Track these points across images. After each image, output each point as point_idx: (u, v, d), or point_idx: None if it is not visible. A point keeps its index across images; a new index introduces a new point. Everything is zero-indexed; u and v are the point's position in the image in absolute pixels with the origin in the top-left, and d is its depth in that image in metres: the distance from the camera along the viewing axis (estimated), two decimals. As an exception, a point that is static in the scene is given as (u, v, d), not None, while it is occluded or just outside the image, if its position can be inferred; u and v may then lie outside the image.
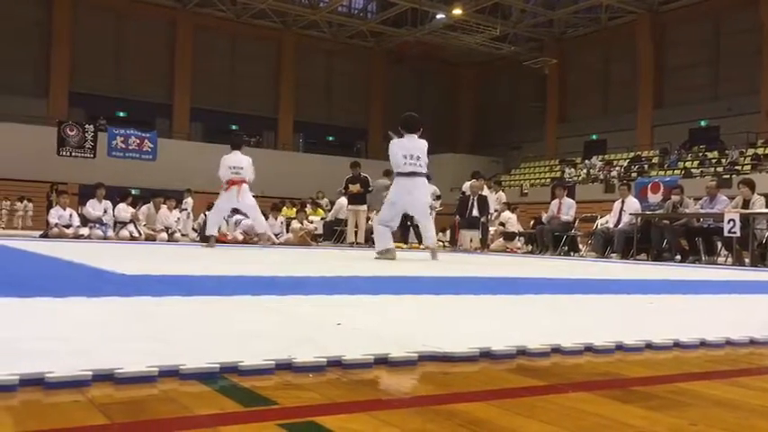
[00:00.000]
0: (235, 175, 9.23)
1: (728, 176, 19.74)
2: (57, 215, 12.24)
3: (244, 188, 9.24)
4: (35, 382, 1.11)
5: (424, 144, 7.07)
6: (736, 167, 21.64)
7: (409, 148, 6.98)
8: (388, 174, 13.44)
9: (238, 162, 9.28)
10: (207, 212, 12.69)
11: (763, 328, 2.10)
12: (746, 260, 9.35)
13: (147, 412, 1.02)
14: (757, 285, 5.21)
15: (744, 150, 22.81)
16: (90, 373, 1.14)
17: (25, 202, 22.97)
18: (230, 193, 9.26)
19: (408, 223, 14.09)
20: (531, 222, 14.96)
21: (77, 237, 11.88)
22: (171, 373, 1.20)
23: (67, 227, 12.12)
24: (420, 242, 14.14)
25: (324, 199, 17.83)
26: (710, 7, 25.30)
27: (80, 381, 1.13)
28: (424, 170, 7.05)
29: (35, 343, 1.44)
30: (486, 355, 1.51)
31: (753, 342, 1.87)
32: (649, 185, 16.92)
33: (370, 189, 13.44)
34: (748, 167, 21.30)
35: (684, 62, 26.34)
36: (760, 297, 4.00)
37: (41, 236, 12.12)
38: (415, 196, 7.05)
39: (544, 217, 13.05)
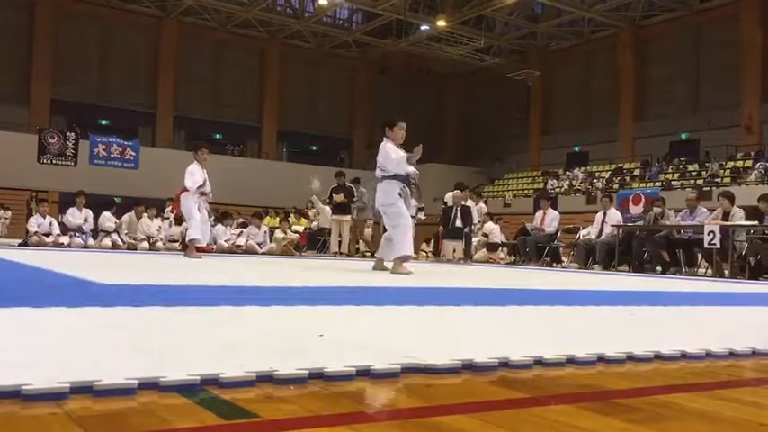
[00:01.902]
0: None
1: (708, 189, 19.97)
2: (36, 223, 12.12)
3: (181, 197, 8.98)
4: (12, 395, 1.09)
5: (382, 146, 6.72)
6: (716, 180, 21.90)
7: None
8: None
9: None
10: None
11: (743, 339, 2.12)
12: (726, 272, 9.44)
13: (125, 425, 1.00)
14: (737, 297, 5.26)
15: (723, 163, 23.10)
16: (68, 385, 1.13)
17: (2, 210, 22.67)
18: None
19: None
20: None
21: (57, 245, 11.77)
22: (150, 386, 1.19)
23: (47, 235, 12.00)
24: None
25: (313, 209, 17.71)
26: (691, 22, 25.66)
27: (58, 393, 1.11)
28: (385, 173, 6.63)
29: (13, 354, 1.42)
30: (469, 366, 1.50)
31: (732, 354, 1.89)
32: (631, 197, 17.05)
33: (354, 199, 13.45)
34: (728, 180, 21.56)
35: (665, 76, 26.66)
36: (739, 309, 4.04)
37: (21, 244, 12.00)
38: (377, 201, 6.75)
39: (529, 226, 13.12)
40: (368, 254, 13.36)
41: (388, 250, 6.66)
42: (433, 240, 15.94)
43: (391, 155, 6.58)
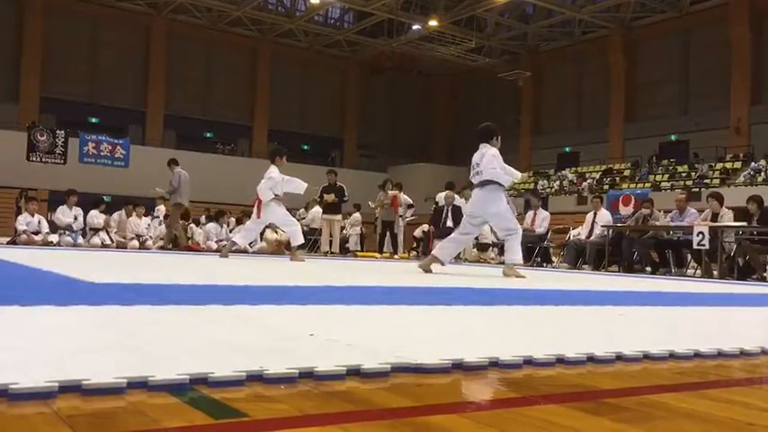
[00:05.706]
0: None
1: (698, 190, 20.08)
2: (24, 222, 12.04)
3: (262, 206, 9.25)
4: (-1, 394, 1.09)
5: (486, 150, 6.65)
6: (705, 181, 22.03)
7: (474, 159, 6.75)
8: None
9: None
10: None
11: (731, 340, 2.13)
12: (715, 272, 9.50)
13: (114, 425, 1.00)
14: (725, 297, 5.29)
15: (713, 165, 23.24)
16: (56, 384, 1.12)
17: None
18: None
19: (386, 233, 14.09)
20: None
21: (46, 244, 11.70)
22: (139, 385, 1.18)
23: (36, 233, 11.93)
24: (395, 252, 14.17)
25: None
26: (681, 24, 25.81)
27: (46, 392, 1.10)
28: (487, 177, 6.59)
29: (0, 353, 1.41)
30: (459, 366, 1.50)
31: (720, 354, 1.90)
32: (621, 198, 17.17)
33: (345, 199, 13.45)
34: (717, 181, 21.69)
35: (655, 77, 26.80)
36: (728, 309, 4.06)
37: (9, 242, 11.92)
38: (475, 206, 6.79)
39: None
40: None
41: (446, 252, 6.82)
42: (423, 240, 15.94)
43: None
